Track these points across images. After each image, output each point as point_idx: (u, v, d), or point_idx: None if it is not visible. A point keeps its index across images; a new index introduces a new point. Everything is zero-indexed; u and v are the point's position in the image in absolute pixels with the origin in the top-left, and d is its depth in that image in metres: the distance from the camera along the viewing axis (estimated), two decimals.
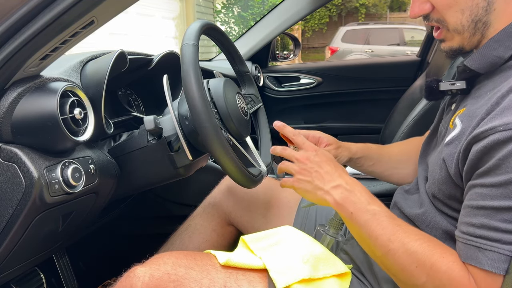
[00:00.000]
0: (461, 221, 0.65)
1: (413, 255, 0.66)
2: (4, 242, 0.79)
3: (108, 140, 1.06)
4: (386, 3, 15.69)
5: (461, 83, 0.74)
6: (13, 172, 0.76)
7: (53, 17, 0.68)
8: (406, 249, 0.66)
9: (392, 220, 0.71)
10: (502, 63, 0.68)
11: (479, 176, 0.61)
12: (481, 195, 0.61)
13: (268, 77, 2.18)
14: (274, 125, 0.94)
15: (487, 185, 0.60)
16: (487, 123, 0.61)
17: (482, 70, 0.70)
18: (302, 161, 0.83)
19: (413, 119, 1.50)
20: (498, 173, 0.58)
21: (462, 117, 0.70)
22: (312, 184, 0.80)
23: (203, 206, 1.19)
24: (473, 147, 0.62)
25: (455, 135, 0.69)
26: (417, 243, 0.66)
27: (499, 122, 0.59)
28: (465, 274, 0.62)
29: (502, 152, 0.58)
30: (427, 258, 0.65)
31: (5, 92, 0.77)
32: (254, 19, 10.29)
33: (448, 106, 0.83)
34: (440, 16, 0.72)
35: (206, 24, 0.95)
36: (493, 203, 0.59)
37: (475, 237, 0.61)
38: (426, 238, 0.68)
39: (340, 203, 0.76)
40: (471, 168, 0.63)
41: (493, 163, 0.59)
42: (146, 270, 0.75)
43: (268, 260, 0.78)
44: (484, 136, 0.60)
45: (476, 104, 0.68)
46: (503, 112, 0.60)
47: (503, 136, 0.58)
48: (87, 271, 1.36)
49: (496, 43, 0.68)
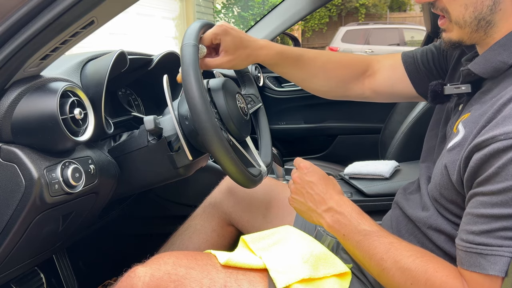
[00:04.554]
0: (461, 228, 0.65)
1: (406, 272, 0.67)
2: (4, 242, 0.79)
3: (108, 140, 1.06)
4: (386, 3, 15.68)
5: (466, 86, 0.73)
6: (13, 172, 0.76)
7: (53, 17, 0.68)
8: (399, 267, 0.67)
9: (383, 238, 0.72)
10: (506, 68, 0.67)
11: (479, 185, 0.61)
12: (482, 203, 0.61)
13: (268, 77, 2.18)
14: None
15: (487, 193, 0.60)
16: (488, 132, 0.60)
17: (486, 75, 0.70)
18: (296, 181, 0.86)
19: (413, 119, 1.50)
20: (497, 181, 0.58)
21: (465, 123, 0.69)
22: (306, 205, 0.84)
23: (203, 206, 1.19)
24: (474, 156, 0.62)
25: (458, 141, 0.68)
26: (410, 260, 0.67)
27: (499, 131, 0.59)
28: (459, 285, 0.62)
29: (502, 160, 0.58)
30: (421, 274, 0.65)
31: (5, 92, 0.77)
32: (254, 19, 10.30)
33: (456, 106, 0.82)
34: (444, 6, 0.71)
35: (206, 24, 0.95)
36: (492, 211, 0.59)
37: (475, 244, 0.61)
38: (419, 254, 0.68)
39: (332, 226, 0.79)
40: (471, 176, 0.63)
41: (493, 171, 0.59)
42: (147, 270, 0.75)
43: (268, 260, 0.78)
44: (485, 145, 0.60)
45: (480, 109, 0.68)
46: (504, 120, 0.60)
47: (503, 145, 0.58)
48: (87, 271, 1.36)
49: (500, 48, 0.67)
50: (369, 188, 1.24)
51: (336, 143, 2.19)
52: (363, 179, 1.29)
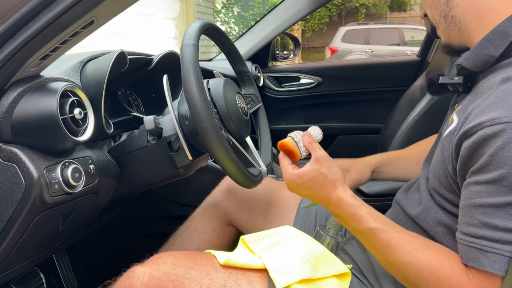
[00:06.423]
0: (461, 221, 0.65)
1: (408, 266, 0.67)
2: (4, 242, 0.79)
3: (108, 140, 1.06)
4: (386, 3, 15.68)
5: (458, 78, 0.76)
6: (13, 172, 0.76)
7: (53, 17, 0.68)
8: (401, 261, 0.68)
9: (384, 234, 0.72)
10: (493, 61, 0.70)
11: (473, 174, 0.62)
12: (477, 193, 0.61)
13: (268, 77, 2.18)
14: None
15: (482, 182, 0.60)
16: (475, 119, 0.62)
17: (476, 68, 0.72)
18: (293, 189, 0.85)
19: (413, 119, 1.50)
20: (490, 169, 0.59)
21: (458, 113, 0.72)
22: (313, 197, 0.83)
23: (203, 206, 1.20)
24: (463, 144, 0.63)
25: (451, 129, 0.70)
26: (412, 254, 0.68)
27: (486, 117, 0.60)
28: (464, 278, 0.62)
29: (492, 147, 0.58)
30: (424, 268, 0.66)
31: (5, 92, 0.77)
32: (254, 19, 10.29)
33: (452, 106, 0.85)
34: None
35: (206, 24, 0.95)
36: (490, 200, 0.59)
37: (476, 238, 0.61)
38: (422, 247, 0.68)
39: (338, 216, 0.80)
40: (464, 165, 0.64)
41: (485, 160, 0.59)
42: (146, 270, 0.75)
43: (268, 260, 0.78)
44: (473, 132, 0.61)
45: (470, 100, 0.71)
46: (489, 107, 0.61)
47: (490, 131, 0.58)
48: (87, 271, 1.36)
49: (487, 42, 0.70)
50: (369, 188, 1.24)
51: (336, 143, 2.19)
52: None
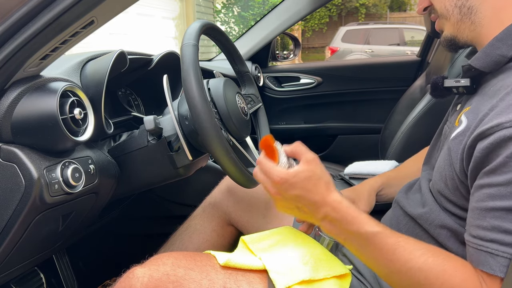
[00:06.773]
0: (471, 224, 0.63)
1: (418, 273, 0.63)
2: (4, 242, 0.79)
3: (108, 140, 1.06)
4: (386, 3, 15.68)
5: (465, 80, 0.74)
6: (13, 172, 0.76)
7: (53, 17, 0.68)
8: (410, 267, 0.63)
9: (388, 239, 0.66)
10: (506, 61, 0.68)
11: (486, 175, 0.60)
12: (490, 195, 0.59)
13: (268, 77, 2.18)
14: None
15: (495, 184, 0.58)
16: (492, 120, 0.59)
17: (487, 69, 0.70)
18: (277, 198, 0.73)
19: (413, 119, 1.50)
20: (505, 171, 0.57)
21: (467, 114, 0.69)
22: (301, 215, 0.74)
23: (203, 206, 1.19)
24: (478, 145, 0.61)
25: (461, 130, 0.68)
26: (421, 260, 0.63)
27: (505, 118, 0.58)
28: (477, 285, 0.60)
29: (509, 149, 0.56)
30: (437, 275, 0.62)
31: (5, 92, 0.77)
32: (254, 19, 10.29)
33: (454, 106, 0.83)
34: (431, 4, 0.77)
35: (206, 24, 0.95)
36: (503, 204, 0.57)
37: (486, 241, 0.59)
38: (431, 252, 0.64)
39: (331, 231, 0.71)
40: (476, 166, 0.61)
41: (500, 161, 0.57)
42: (145, 270, 0.75)
43: (268, 261, 0.78)
44: (490, 133, 0.59)
45: (482, 100, 0.68)
46: (508, 108, 0.59)
47: (509, 132, 0.56)
48: (87, 271, 1.36)
49: (499, 42, 0.68)
50: None
51: (336, 143, 2.19)
52: (363, 179, 1.29)
